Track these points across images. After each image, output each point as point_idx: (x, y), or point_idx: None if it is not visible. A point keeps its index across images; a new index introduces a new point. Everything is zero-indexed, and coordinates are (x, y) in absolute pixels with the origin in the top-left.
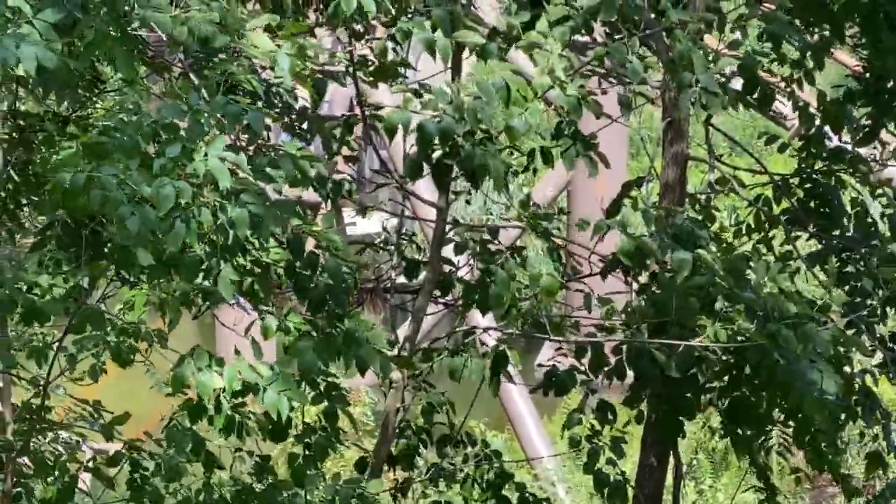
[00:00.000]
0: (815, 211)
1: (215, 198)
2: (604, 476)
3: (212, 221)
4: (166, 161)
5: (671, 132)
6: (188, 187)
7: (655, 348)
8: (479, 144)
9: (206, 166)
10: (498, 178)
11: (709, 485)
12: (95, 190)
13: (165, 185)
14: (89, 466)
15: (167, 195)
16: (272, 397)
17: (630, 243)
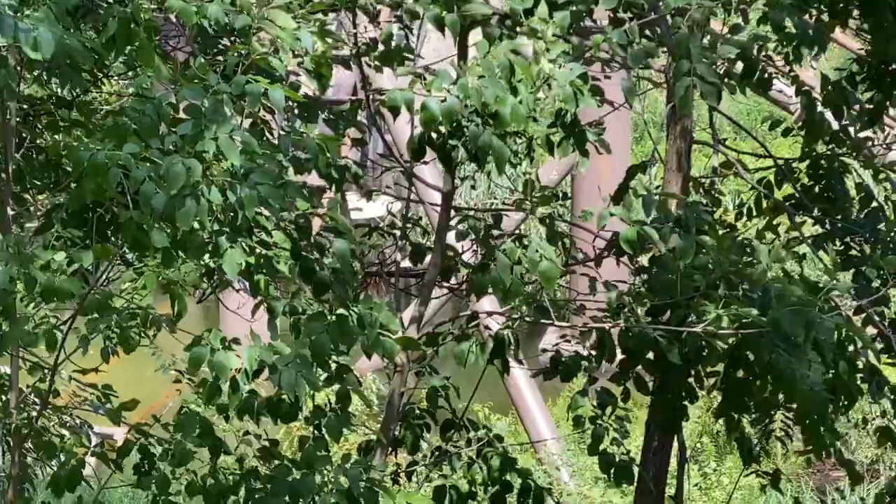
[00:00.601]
0: (819, 195)
1: (225, 177)
2: (609, 456)
3: (221, 200)
4: (177, 139)
5: (675, 117)
6: (198, 165)
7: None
8: (484, 125)
9: (216, 144)
10: (500, 160)
11: (713, 468)
12: (115, 168)
13: (176, 163)
14: (95, 451)
15: (178, 173)
16: (289, 378)
17: (631, 231)
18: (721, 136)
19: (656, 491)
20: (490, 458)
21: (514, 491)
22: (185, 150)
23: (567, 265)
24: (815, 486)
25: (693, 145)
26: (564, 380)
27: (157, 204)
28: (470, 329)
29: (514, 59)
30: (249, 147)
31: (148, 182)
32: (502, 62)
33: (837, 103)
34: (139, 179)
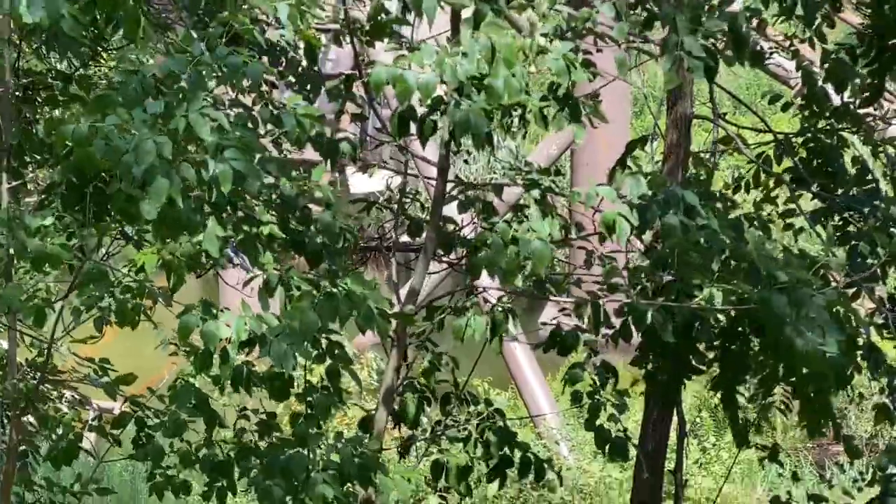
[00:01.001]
0: (817, 170)
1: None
2: (605, 432)
3: (195, 177)
4: (147, 117)
5: (674, 91)
6: (168, 142)
7: (655, 310)
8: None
9: (186, 121)
10: (477, 136)
11: (712, 443)
12: (99, 140)
13: (146, 140)
14: (93, 425)
15: (147, 150)
16: (279, 349)
17: (610, 214)
18: (721, 111)
19: (655, 465)
20: (490, 432)
21: (514, 465)
22: (156, 127)
23: (566, 240)
24: (814, 460)
25: (693, 120)
26: (562, 353)
27: (137, 173)
28: (469, 303)
29: (495, 37)
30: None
31: (129, 153)
32: (483, 41)
33: (839, 78)
34: (121, 150)
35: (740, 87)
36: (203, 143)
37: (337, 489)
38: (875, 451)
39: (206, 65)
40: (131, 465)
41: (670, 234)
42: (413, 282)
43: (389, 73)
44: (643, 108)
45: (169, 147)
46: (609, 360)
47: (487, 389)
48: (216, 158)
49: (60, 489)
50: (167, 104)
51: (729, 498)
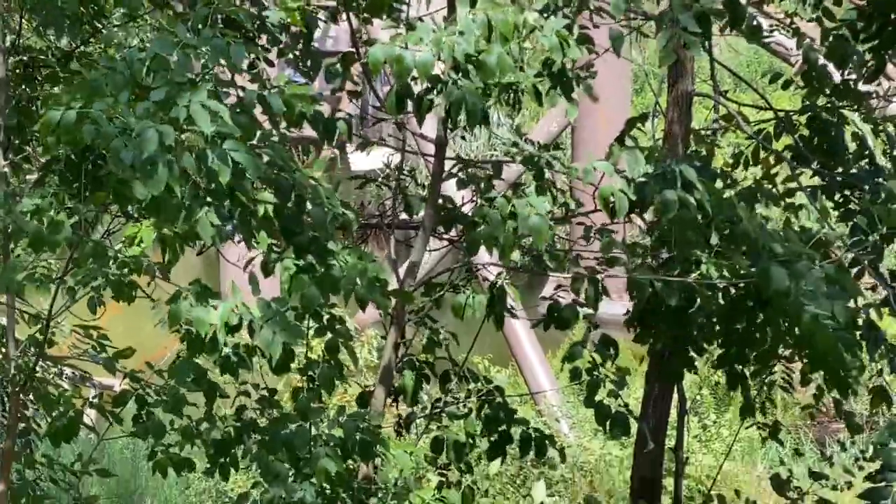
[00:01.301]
0: (818, 147)
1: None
2: (605, 408)
3: (195, 166)
4: (150, 105)
5: (675, 68)
6: (171, 130)
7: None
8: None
9: (186, 112)
10: (473, 115)
11: (713, 420)
12: (87, 125)
13: (148, 129)
14: (94, 402)
15: (149, 138)
16: (266, 336)
17: (607, 188)
18: (722, 89)
19: (656, 442)
20: (489, 409)
21: (513, 442)
22: (157, 115)
23: (566, 215)
24: (815, 437)
25: (694, 97)
26: (561, 328)
27: (126, 159)
28: (468, 280)
29: (492, 13)
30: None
31: (118, 138)
32: (480, 18)
33: (840, 55)
34: (110, 136)
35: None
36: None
37: (339, 463)
38: (876, 428)
39: (192, 47)
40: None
41: (668, 209)
42: (412, 258)
43: (386, 51)
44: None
45: (171, 135)
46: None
47: (487, 366)
48: (215, 150)
49: (61, 467)
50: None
51: (729, 475)
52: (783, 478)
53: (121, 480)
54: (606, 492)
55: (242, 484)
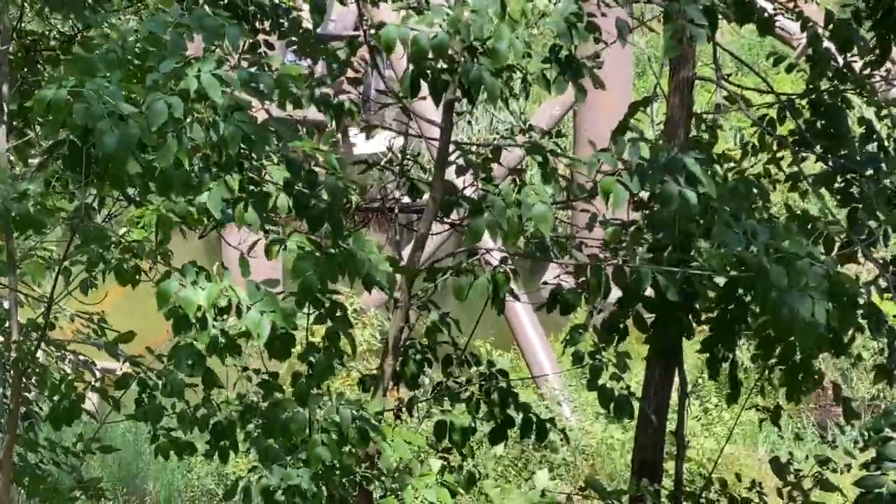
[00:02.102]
0: (821, 132)
1: (209, 115)
2: (608, 391)
3: (204, 138)
4: (159, 76)
5: None
6: (180, 102)
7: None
8: (476, 59)
9: (197, 82)
10: (493, 94)
11: (714, 404)
12: (78, 105)
13: (157, 100)
14: (95, 386)
15: (159, 110)
16: (254, 317)
17: (608, 182)
18: (724, 72)
19: (657, 425)
20: (491, 393)
21: (515, 426)
22: (166, 86)
23: (567, 201)
24: (816, 421)
25: (696, 81)
26: (564, 313)
27: (109, 142)
28: (470, 264)
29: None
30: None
31: (104, 120)
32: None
33: (843, 38)
34: (98, 116)
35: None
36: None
37: (335, 452)
38: (877, 412)
39: (186, 27)
40: (134, 426)
41: (669, 202)
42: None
43: (400, 32)
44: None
45: (181, 107)
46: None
47: (490, 350)
48: (226, 120)
49: (63, 450)
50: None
51: (731, 458)
52: (783, 461)
53: (123, 463)
54: (608, 475)
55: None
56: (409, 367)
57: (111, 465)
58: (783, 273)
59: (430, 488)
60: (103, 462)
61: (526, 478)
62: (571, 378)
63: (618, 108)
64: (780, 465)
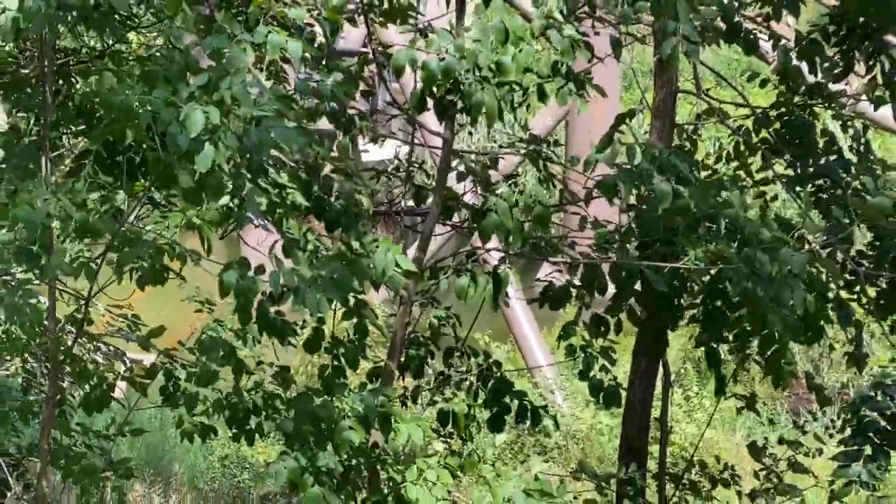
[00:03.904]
0: (791, 141)
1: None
2: (597, 383)
3: (238, 145)
4: (195, 89)
5: (661, 68)
6: (216, 111)
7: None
8: (477, 83)
9: (231, 93)
10: (491, 115)
11: (695, 392)
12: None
13: (195, 110)
14: (125, 375)
15: (197, 119)
16: (312, 298)
17: (609, 178)
18: (704, 86)
19: (643, 412)
20: (489, 382)
21: (511, 413)
22: (202, 98)
23: (560, 204)
24: (790, 408)
25: (678, 94)
26: (555, 308)
27: (182, 143)
28: (470, 264)
29: (508, 18)
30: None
31: (175, 124)
32: (497, 25)
33: (810, 57)
34: (166, 122)
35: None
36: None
37: (361, 435)
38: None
39: (247, 42)
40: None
41: (663, 199)
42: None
43: (409, 55)
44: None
45: (217, 116)
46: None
47: (488, 343)
48: (258, 127)
49: (95, 434)
50: (211, 78)
51: (710, 442)
52: (759, 445)
53: (150, 446)
54: (597, 458)
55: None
56: (414, 358)
57: (139, 448)
58: (767, 260)
59: (432, 469)
60: (132, 445)
61: (521, 461)
62: (563, 368)
63: (606, 119)
64: (756, 449)
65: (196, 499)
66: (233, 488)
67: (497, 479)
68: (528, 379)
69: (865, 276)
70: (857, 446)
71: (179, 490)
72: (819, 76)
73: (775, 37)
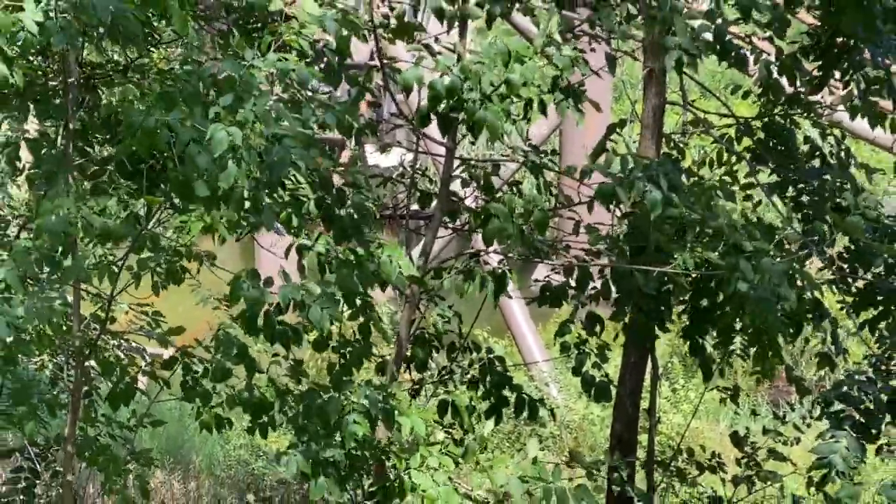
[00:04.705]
0: (773, 149)
1: (261, 142)
2: (590, 378)
3: (258, 163)
4: (220, 109)
5: (650, 81)
6: (239, 132)
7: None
8: (480, 102)
9: (254, 114)
10: (493, 131)
11: (681, 384)
12: (164, 131)
13: (219, 130)
14: (146, 370)
15: (221, 139)
16: (317, 313)
17: (608, 186)
18: (690, 98)
19: (632, 404)
20: (490, 375)
21: (509, 405)
22: (227, 118)
23: (555, 209)
24: (770, 399)
25: (665, 105)
26: (553, 306)
27: (201, 162)
28: (471, 265)
29: (511, 40)
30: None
31: (193, 144)
32: (500, 47)
33: (790, 71)
34: (184, 141)
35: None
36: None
37: (366, 428)
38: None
39: (258, 68)
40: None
41: (654, 207)
42: (424, 246)
43: (416, 74)
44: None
45: (239, 136)
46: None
47: (486, 338)
48: (278, 146)
49: (118, 425)
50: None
51: (696, 432)
52: (741, 434)
53: (170, 437)
54: (589, 446)
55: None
56: (419, 353)
57: (159, 438)
58: (750, 268)
59: (434, 457)
60: (153, 435)
61: (518, 449)
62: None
63: (598, 128)
64: (738, 438)
65: (213, 485)
66: (247, 475)
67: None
68: (524, 372)
69: (841, 279)
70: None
71: (197, 477)
72: (799, 87)
73: (757, 51)
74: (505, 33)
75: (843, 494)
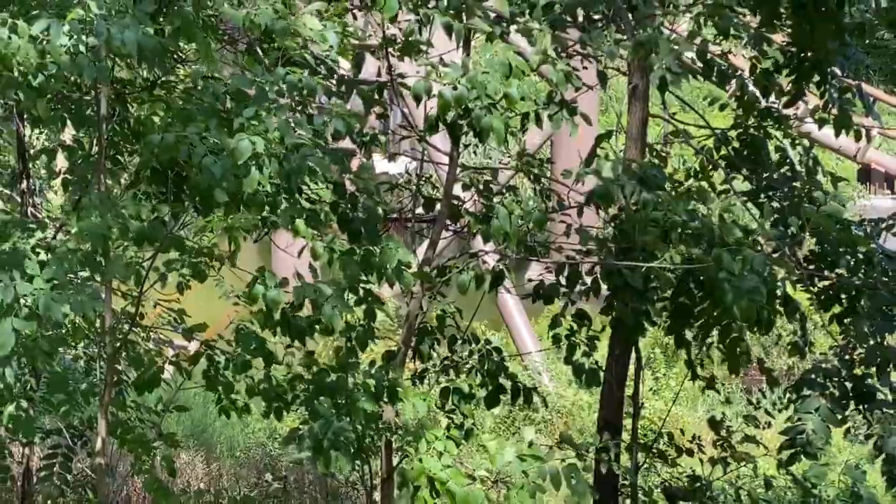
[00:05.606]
0: (747, 158)
1: (281, 150)
2: (579, 366)
3: (278, 170)
4: (244, 120)
5: (635, 96)
6: (261, 141)
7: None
8: (486, 109)
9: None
10: (499, 137)
11: (663, 373)
12: (182, 145)
13: (243, 140)
14: (172, 360)
15: (245, 147)
16: (329, 312)
17: (603, 188)
18: (670, 111)
19: (618, 391)
20: (488, 365)
21: (507, 392)
22: (249, 128)
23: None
24: (744, 387)
25: (648, 117)
26: (546, 303)
27: (216, 171)
28: (471, 264)
29: (511, 55)
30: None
31: (208, 156)
32: (502, 60)
33: (763, 85)
34: (200, 154)
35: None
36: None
37: (373, 404)
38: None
39: (268, 82)
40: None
41: (646, 206)
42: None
43: (426, 85)
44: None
45: (262, 145)
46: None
47: (484, 331)
48: (296, 155)
49: (147, 410)
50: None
51: (676, 417)
52: (718, 419)
53: (194, 421)
54: (578, 430)
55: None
56: (423, 344)
57: (184, 422)
58: (732, 260)
59: (439, 440)
60: (178, 419)
61: (513, 432)
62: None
63: (586, 139)
64: (715, 423)
65: (233, 465)
66: (265, 456)
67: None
68: (518, 361)
69: (809, 277)
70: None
71: (219, 458)
72: (773, 100)
73: (733, 67)
74: (504, 49)
75: (811, 474)
